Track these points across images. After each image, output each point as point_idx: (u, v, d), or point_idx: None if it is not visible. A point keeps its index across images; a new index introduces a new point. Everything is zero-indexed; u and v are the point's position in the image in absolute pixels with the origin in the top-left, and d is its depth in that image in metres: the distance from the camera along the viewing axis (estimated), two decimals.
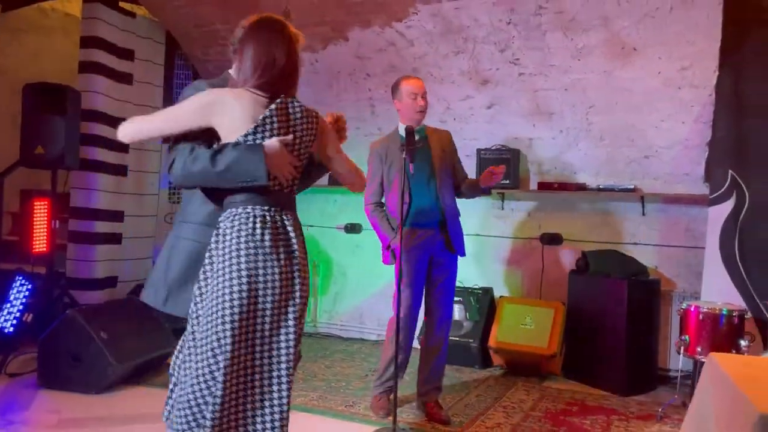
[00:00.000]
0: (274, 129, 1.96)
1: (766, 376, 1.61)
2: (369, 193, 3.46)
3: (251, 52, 2.01)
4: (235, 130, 1.94)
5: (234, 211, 1.96)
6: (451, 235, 3.39)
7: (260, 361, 1.94)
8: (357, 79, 4.94)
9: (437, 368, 3.44)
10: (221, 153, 1.92)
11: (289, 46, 2.04)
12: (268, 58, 2.00)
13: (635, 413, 3.60)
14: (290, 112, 2.02)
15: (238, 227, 1.93)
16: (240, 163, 1.90)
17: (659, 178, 4.41)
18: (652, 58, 4.04)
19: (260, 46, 2.01)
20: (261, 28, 2.05)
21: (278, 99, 1.99)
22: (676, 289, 4.35)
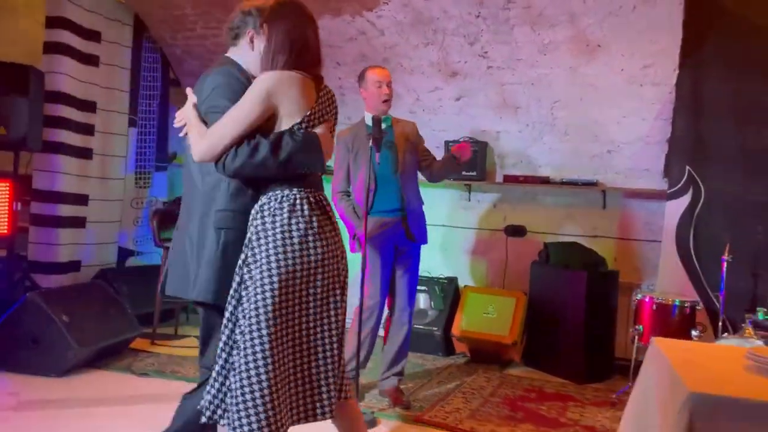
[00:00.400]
0: (323, 115, 2.02)
1: (700, 360, 1.70)
2: (336, 182, 3.51)
3: (285, 34, 2.00)
4: (292, 114, 1.97)
5: (280, 193, 1.97)
6: (411, 224, 3.45)
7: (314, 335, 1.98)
8: (327, 68, 4.93)
9: (400, 355, 3.50)
10: (281, 143, 1.95)
11: (315, 28, 2.09)
12: (303, 40, 2.02)
13: (591, 400, 3.71)
14: (328, 96, 2.08)
15: (288, 207, 1.94)
16: (301, 153, 1.95)
17: (621, 173, 4.52)
18: (615, 56, 4.13)
19: (295, 28, 2.02)
20: (290, 9, 2.05)
21: (322, 84, 2.04)
22: (634, 281, 4.48)
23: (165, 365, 3.91)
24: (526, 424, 3.24)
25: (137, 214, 5.28)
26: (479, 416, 3.31)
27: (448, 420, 3.23)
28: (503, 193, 4.89)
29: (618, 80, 4.22)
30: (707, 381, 1.47)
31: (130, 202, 5.22)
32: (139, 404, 3.24)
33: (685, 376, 1.49)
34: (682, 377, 1.49)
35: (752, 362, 1.62)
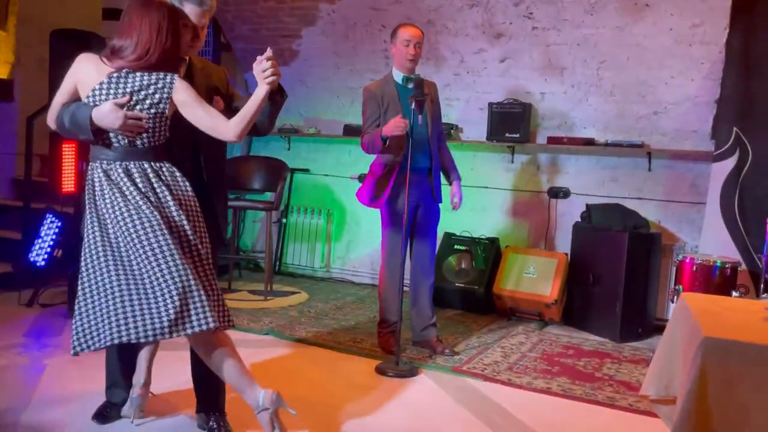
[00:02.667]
0: (110, 95, 2.22)
1: (720, 311, 1.77)
2: (364, 133, 3.57)
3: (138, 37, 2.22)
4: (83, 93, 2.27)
5: (90, 165, 2.31)
6: (435, 182, 3.59)
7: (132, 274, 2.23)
8: (373, 31, 5.03)
9: (431, 307, 3.65)
10: (67, 109, 2.26)
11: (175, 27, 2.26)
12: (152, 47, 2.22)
13: (628, 357, 3.79)
14: (128, 81, 2.23)
15: (90, 179, 2.29)
16: (75, 118, 2.22)
17: (667, 135, 4.49)
18: (664, 15, 4.07)
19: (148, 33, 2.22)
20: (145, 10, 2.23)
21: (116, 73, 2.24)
22: (677, 243, 4.48)
23: None
24: (562, 377, 3.36)
25: None
26: (516, 369, 3.45)
27: (486, 371, 3.38)
28: (546, 155, 4.91)
29: (666, 39, 4.16)
30: (722, 327, 1.56)
31: None
32: None
33: (703, 322, 1.58)
34: (700, 324, 1.58)
35: None
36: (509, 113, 4.74)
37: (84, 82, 2.27)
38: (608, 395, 3.15)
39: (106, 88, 2.22)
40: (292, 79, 5.64)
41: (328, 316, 4.38)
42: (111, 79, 2.23)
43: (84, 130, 2.21)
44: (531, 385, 3.22)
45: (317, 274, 5.67)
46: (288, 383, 3.08)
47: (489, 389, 3.16)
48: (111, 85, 2.23)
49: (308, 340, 3.77)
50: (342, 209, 5.64)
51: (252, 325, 4.01)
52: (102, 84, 2.22)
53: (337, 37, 5.18)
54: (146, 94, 2.23)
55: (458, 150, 5.04)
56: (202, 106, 2.26)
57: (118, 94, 2.22)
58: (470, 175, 5.06)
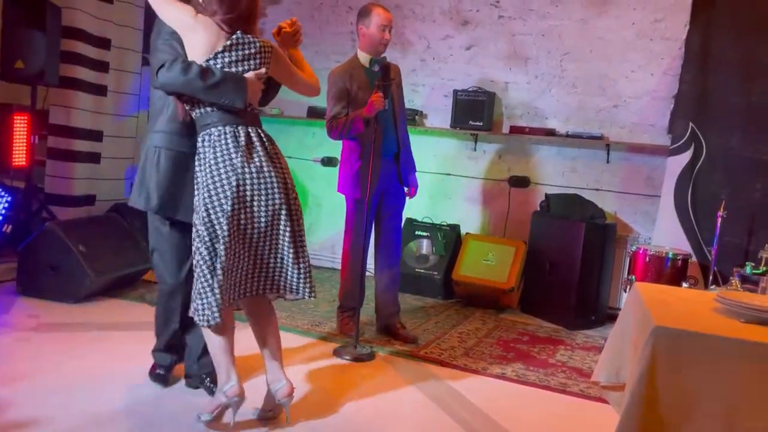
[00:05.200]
0: (232, 61, 2.27)
1: (671, 300, 1.82)
2: (330, 117, 3.46)
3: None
4: (193, 52, 2.27)
5: (209, 132, 2.30)
6: (402, 167, 3.57)
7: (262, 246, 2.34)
8: (339, 12, 4.97)
9: (393, 292, 3.67)
10: (211, 72, 2.23)
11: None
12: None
13: (580, 344, 3.88)
14: (245, 44, 2.29)
15: (212, 146, 2.27)
16: (227, 84, 2.23)
17: (625, 127, 4.58)
18: (627, 9, 4.14)
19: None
20: None
21: (235, 35, 2.27)
22: (632, 234, 4.59)
23: None
24: (517, 363, 3.42)
25: None
26: (473, 354, 3.49)
27: (443, 356, 3.41)
28: (509, 144, 4.96)
29: (628, 34, 4.23)
30: (673, 317, 1.60)
31: (142, 140, 5.34)
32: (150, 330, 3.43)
33: (654, 311, 1.62)
34: (651, 313, 1.62)
35: (720, 304, 1.74)
36: (474, 101, 4.76)
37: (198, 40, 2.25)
38: (561, 381, 3.22)
39: (228, 52, 2.27)
40: None
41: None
42: (231, 43, 2.26)
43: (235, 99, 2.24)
44: (486, 370, 3.27)
45: None
46: (242, 365, 3.05)
47: (445, 374, 3.19)
48: (233, 49, 2.27)
49: None
50: (304, 192, 5.59)
51: None
52: (224, 50, 2.26)
53: (302, 16, 5.09)
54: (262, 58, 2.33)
55: (422, 136, 5.05)
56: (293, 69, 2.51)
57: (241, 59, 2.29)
58: (433, 162, 5.07)
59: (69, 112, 4.63)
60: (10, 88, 4.54)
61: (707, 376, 1.47)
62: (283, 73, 2.49)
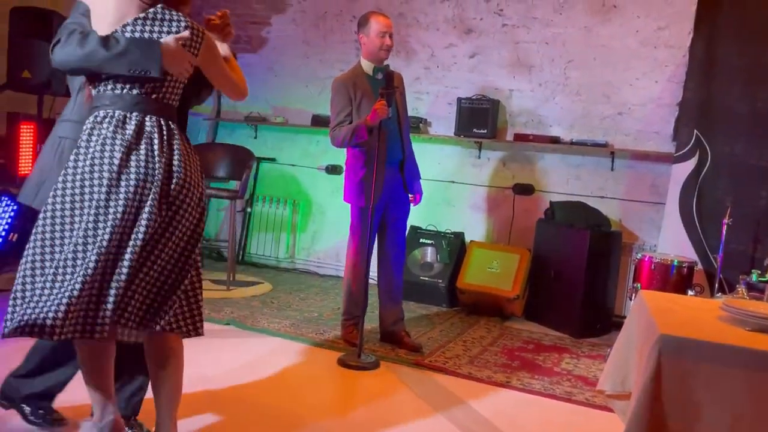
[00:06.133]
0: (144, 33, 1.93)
1: (677, 308, 1.82)
2: (334, 125, 3.48)
3: None
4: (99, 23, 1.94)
5: (95, 114, 1.95)
6: (407, 174, 3.57)
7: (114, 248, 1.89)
8: (343, 21, 5.00)
9: (397, 300, 3.67)
10: (114, 39, 1.89)
11: None
12: None
13: (586, 353, 3.87)
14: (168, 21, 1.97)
15: (98, 130, 1.92)
16: (136, 50, 1.88)
17: (630, 135, 4.58)
18: (631, 17, 4.15)
19: None
20: None
21: (153, 8, 1.96)
22: (636, 242, 4.58)
23: None
24: (522, 371, 3.41)
25: None
26: (477, 363, 3.48)
27: (448, 365, 3.40)
28: (513, 152, 4.96)
29: (632, 41, 4.24)
30: (678, 325, 1.59)
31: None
32: None
33: (659, 320, 1.61)
34: (656, 321, 1.61)
35: (726, 312, 1.73)
36: (477, 109, 4.77)
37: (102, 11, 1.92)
38: (566, 390, 3.20)
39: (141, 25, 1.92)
40: (261, 66, 5.58)
41: (291, 307, 4.35)
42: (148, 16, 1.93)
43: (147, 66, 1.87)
44: (491, 378, 3.26)
45: (281, 264, 5.63)
46: (248, 374, 3.06)
47: (450, 382, 3.18)
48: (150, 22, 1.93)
49: (270, 331, 3.74)
50: (308, 200, 5.60)
51: (213, 314, 3.96)
52: (137, 20, 1.92)
53: (307, 25, 5.14)
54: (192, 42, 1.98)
55: (426, 143, 5.06)
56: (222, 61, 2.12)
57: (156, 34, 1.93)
58: (437, 170, 5.08)
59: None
60: (16, 97, 4.57)
61: (713, 385, 1.46)
62: (212, 65, 2.11)
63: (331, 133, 3.49)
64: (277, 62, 5.48)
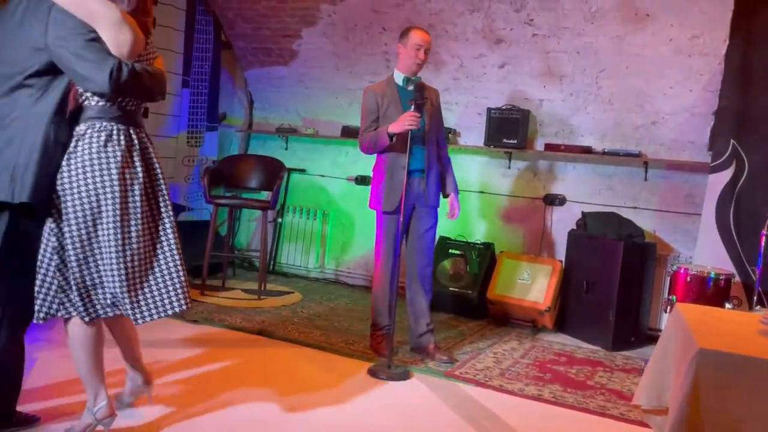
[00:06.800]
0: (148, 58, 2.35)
1: (715, 321, 1.78)
2: (362, 131, 3.61)
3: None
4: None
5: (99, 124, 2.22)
6: (429, 185, 3.59)
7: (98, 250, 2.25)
8: (373, 33, 5.03)
9: (425, 310, 3.65)
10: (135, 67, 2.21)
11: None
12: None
13: (620, 366, 3.80)
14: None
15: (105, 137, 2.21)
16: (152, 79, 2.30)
17: (664, 145, 4.50)
18: (664, 25, 4.09)
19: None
20: None
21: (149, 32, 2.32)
22: (671, 253, 4.49)
23: (213, 314, 4.16)
24: (554, 384, 3.36)
25: (188, 171, 5.53)
26: (509, 375, 3.45)
27: (478, 377, 3.37)
28: (543, 162, 4.92)
29: (665, 50, 4.18)
30: (716, 339, 1.56)
31: (181, 160, 5.46)
32: (190, 348, 3.49)
33: (697, 334, 1.58)
34: (694, 335, 1.58)
35: (765, 326, 1.69)
36: (507, 119, 4.75)
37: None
38: (600, 404, 3.15)
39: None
40: (292, 79, 5.64)
41: (321, 317, 4.37)
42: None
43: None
44: (522, 391, 3.22)
45: (311, 274, 5.66)
46: (279, 384, 3.08)
47: (481, 394, 3.15)
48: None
49: (300, 341, 3.76)
50: (338, 210, 5.64)
51: (244, 324, 4.00)
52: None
53: (337, 38, 5.18)
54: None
55: (456, 154, 5.05)
56: None
57: None
58: (467, 180, 5.06)
59: None
60: None
61: (753, 400, 1.42)
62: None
63: (359, 139, 3.62)
64: (308, 74, 5.54)
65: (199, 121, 5.56)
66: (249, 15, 5.35)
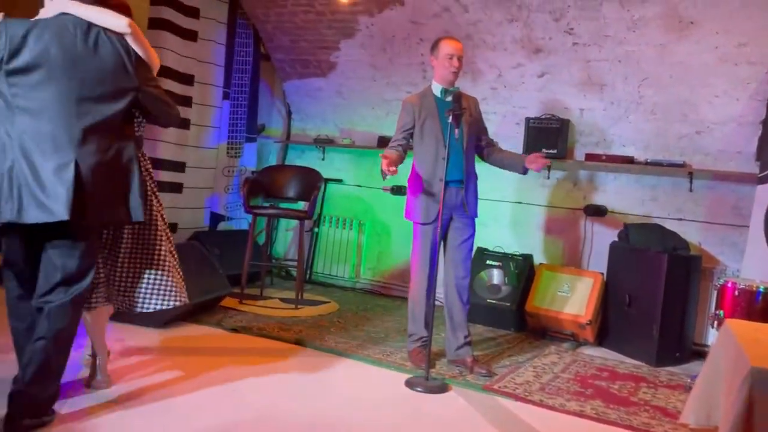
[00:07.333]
0: None
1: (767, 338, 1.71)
2: (392, 142, 3.64)
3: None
4: None
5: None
6: (468, 196, 3.58)
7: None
8: (411, 44, 5.04)
9: (463, 324, 3.61)
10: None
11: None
12: None
13: (664, 382, 3.69)
14: None
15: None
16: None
17: (710, 155, 4.39)
18: (709, 33, 3.99)
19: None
20: None
21: None
22: (718, 266, 4.36)
23: (251, 322, 4.20)
24: (596, 400, 3.28)
25: (228, 181, 5.61)
26: (549, 390, 3.38)
27: (518, 391, 3.32)
28: (583, 172, 4.84)
29: (710, 58, 4.08)
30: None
31: (222, 171, 5.55)
32: (228, 356, 3.53)
33: (749, 351, 1.52)
34: (746, 353, 1.52)
35: None
36: (546, 128, 4.70)
37: None
38: (644, 421, 3.06)
39: None
40: (329, 90, 5.69)
41: (358, 327, 4.37)
42: None
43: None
44: (564, 407, 3.16)
45: (347, 284, 5.67)
46: (316, 394, 3.08)
47: (520, 409, 3.10)
48: None
49: (337, 351, 3.76)
50: (374, 220, 5.64)
51: (282, 333, 4.02)
52: None
53: (374, 49, 5.21)
54: None
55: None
56: None
57: None
58: (504, 190, 5.02)
59: (156, 145, 4.87)
60: None
61: None
62: None
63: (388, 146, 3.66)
64: (345, 85, 5.59)
65: (238, 132, 5.65)
66: (288, 27, 5.42)
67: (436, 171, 3.49)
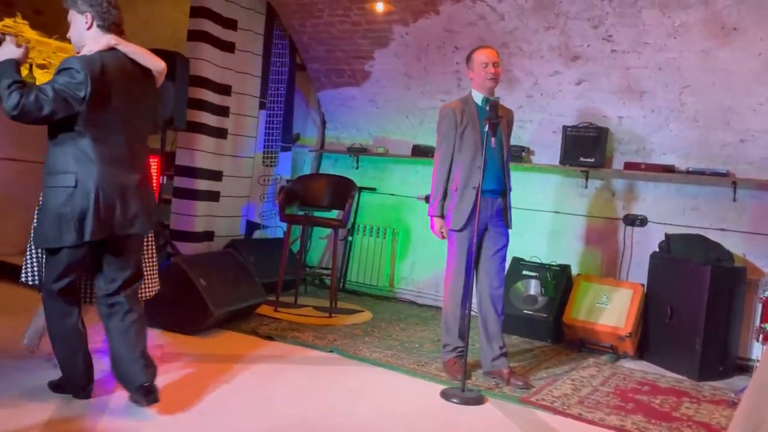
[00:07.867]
0: None
1: None
2: (438, 161, 3.60)
3: None
4: None
5: None
6: (508, 205, 3.57)
7: None
8: (445, 52, 5.03)
9: (497, 335, 3.56)
10: None
11: None
12: None
13: (707, 397, 3.58)
14: None
15: None
16: None
17: (754, 164, 4.26)
18: (753, 39, 3.89)
19: None
20: None
21: None
22: (763, 278, 4.23)
23: (286, 330, 4.22)
24: (637, 415, 3.20)
25: (264, 190, 5.67)
26: (588, 403, 3.31)
27: (556, 404, 3.26)
28: (623, 181, 4.75)
29: (755, 65, 3.97)
30: None
31: (257, 179, 5.61)
32: (263, 363, 3.54)
33: None
34: None
35: None
36: (584, 137, 4.63)
37: None
38: None
39: None
40: (363, 99, 5.71)
41: (392, 336, 4.35)
42: None
43: None
44: (603, 421, 3.08)
45: (381, 293, 5.66)
46: (350, 404, 3.07)
47: (558, 423, 3.04)
48: None
49: (371, 360, 3.75)
50: (407, 229, 5.63)
51: (317, 341, 4.03)
52: None
53: (409, 58, 5.22)
54: None
55: (529, 173, 4.97)
56: None
57: None
58: (541, 200, 4.96)
59: (193, 154, 4.96)
60: None
61: None
62: None
63: (435, 154, 3.65)
64: (379, 94, 5.60)
65: (274, 141, 5.71)
66: (323, 38, 5.47)
67: (470, 180, 3.48)
